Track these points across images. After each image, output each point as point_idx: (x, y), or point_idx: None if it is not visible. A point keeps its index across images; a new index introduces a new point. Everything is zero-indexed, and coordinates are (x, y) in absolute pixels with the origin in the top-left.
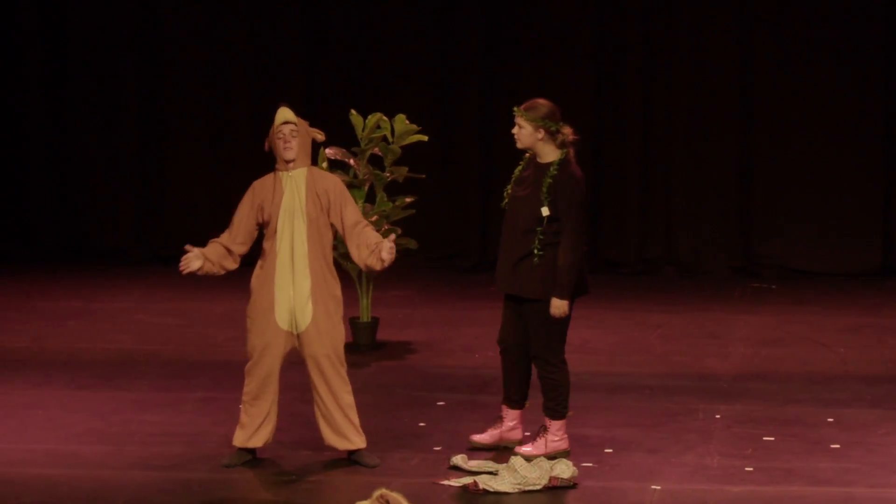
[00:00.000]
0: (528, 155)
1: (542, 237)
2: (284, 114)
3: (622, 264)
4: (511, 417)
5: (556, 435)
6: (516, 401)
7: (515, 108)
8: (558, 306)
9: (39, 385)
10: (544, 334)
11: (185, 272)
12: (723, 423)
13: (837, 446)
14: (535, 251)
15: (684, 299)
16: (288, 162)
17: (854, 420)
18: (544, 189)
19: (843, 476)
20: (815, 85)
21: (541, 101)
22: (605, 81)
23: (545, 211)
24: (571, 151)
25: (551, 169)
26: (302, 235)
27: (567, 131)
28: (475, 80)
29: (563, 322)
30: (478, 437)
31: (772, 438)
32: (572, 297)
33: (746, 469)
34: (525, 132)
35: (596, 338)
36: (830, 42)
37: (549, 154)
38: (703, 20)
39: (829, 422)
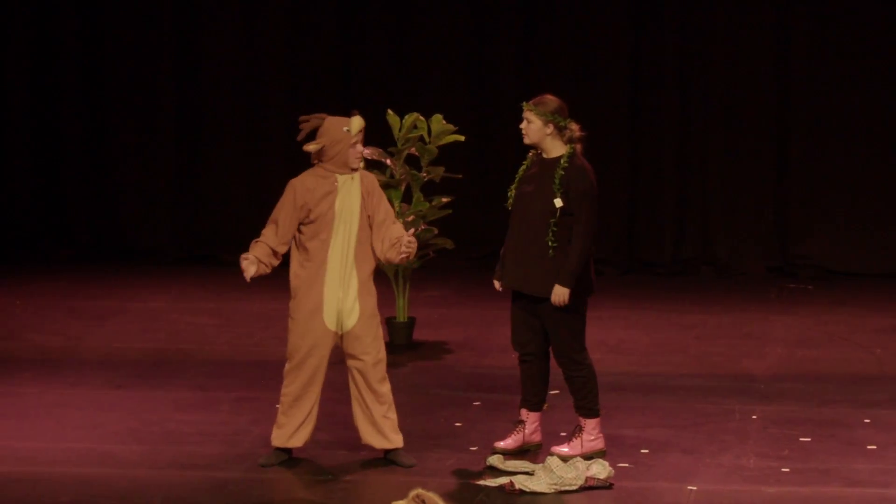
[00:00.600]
0: (531, 154)
1: (555, 230)
2: (361, 122)
3: (658, 264)
4: (532, 420)
5: (591, 434)
6: (536, 403)
7: (524, 104)
8: (560, 293)
9: (76, 384)
10: (565, 333)
11: (249, 279)
12: (759, 424)
13: (874, 447)
14: (550, 244)
15: (720, 300)
16: (354, 170)
17: (891, 421)
18: (556, 181)
19: (879, 477)
20: (851, 85)
21: (549, 96)
22: (642, 81)
23: (558, 202)
24: (579, 147)
25: (562, 161)
26: (354, 237)
27: (574, 127)
28: (512, 79)
29: (581, 317)
30: (502, 444)
31: (808, 439)
32: (583, 296)
33: (783, 470)
34: (534, 127)
35: (632, 338)
36: (867, 41)
37: (557, 149)
38: (741, 20)
39: (866, 423)
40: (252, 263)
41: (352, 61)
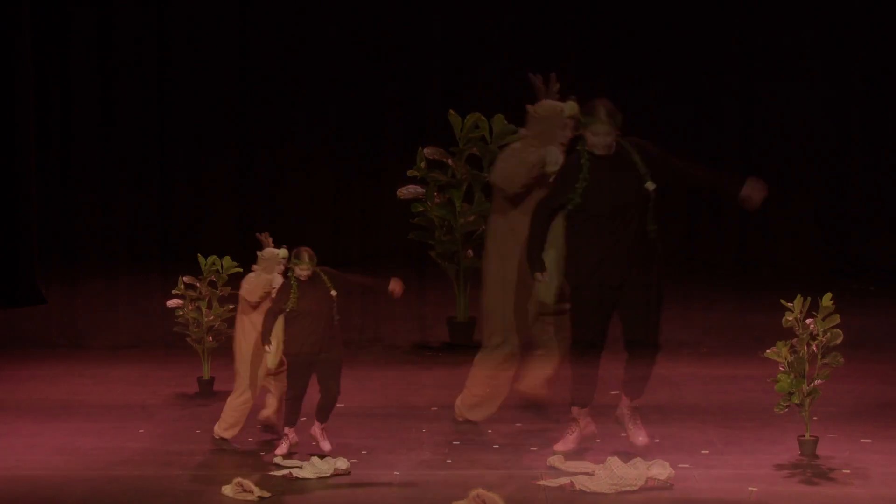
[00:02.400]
0: (583, 160)
1: (651, 213)
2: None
3: (719, 265)
4: (584, 415)
5: None
6: (587, 400)
7: (604, 120)
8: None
9: (139, 384)
10: (657, 317)
11: None
12: (820, 425)
13: None
14: (650, 227)
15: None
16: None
17: None
18: (640, 166)
19: None
20: None
21: (602, 101)
22: (704, 82)
23: (651, 185)
24: None
25: (627, 148)
26: None
27: None
28: (573, 80)
29: None
30: (562, 447)
31: (869, 441)
32: None
33: (843, 471)
34: (613, 136)
35: (692, 338)
36: None
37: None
38: (800, 20)
39: None
40: None
41: (413, 61)
